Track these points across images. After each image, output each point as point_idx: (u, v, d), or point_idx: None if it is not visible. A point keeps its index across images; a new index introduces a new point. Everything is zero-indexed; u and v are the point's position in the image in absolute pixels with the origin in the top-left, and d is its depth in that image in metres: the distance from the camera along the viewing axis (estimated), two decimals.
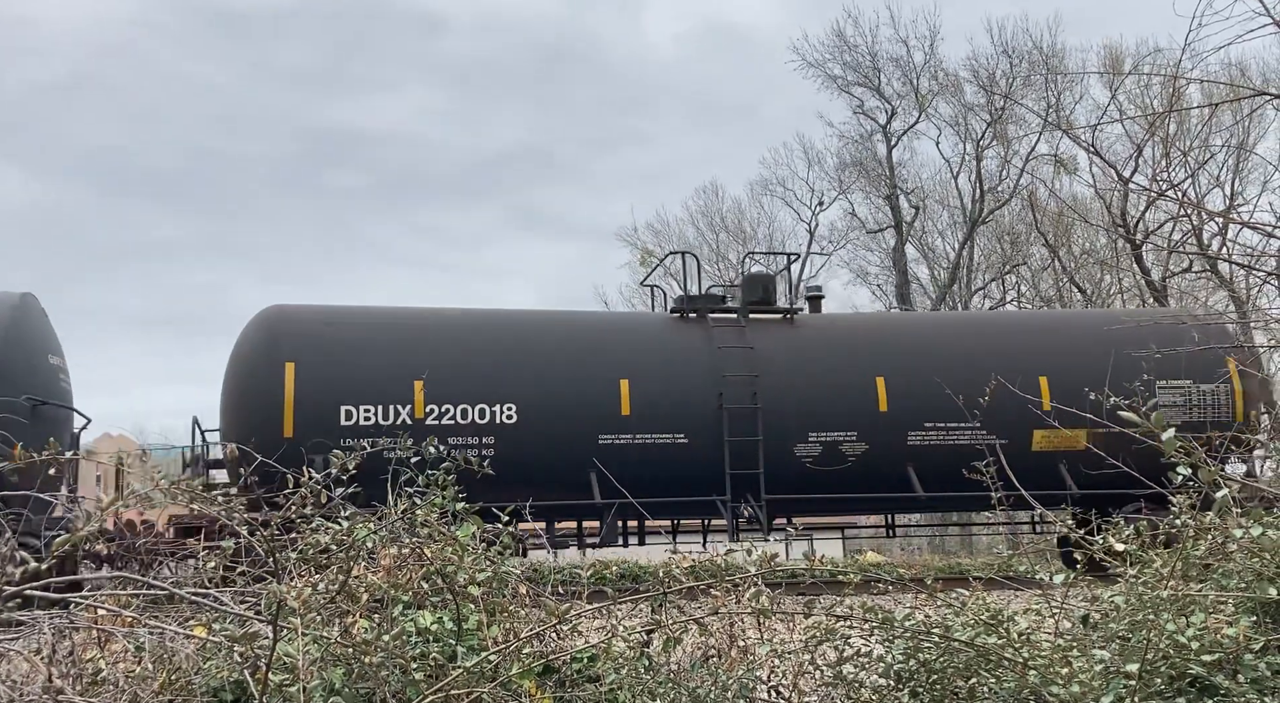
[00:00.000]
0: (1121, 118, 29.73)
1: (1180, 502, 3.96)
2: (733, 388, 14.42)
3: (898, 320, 16.74)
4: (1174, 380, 15.32)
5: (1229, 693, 3.57)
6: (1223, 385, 15.39)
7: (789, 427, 14.45)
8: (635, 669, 4.11)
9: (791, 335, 15.52)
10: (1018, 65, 35.36)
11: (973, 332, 16.40)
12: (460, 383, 13.64)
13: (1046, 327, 16.91)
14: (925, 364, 15.14)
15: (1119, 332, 16.03)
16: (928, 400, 14.71)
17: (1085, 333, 16.20)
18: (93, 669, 4.12)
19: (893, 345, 15.54)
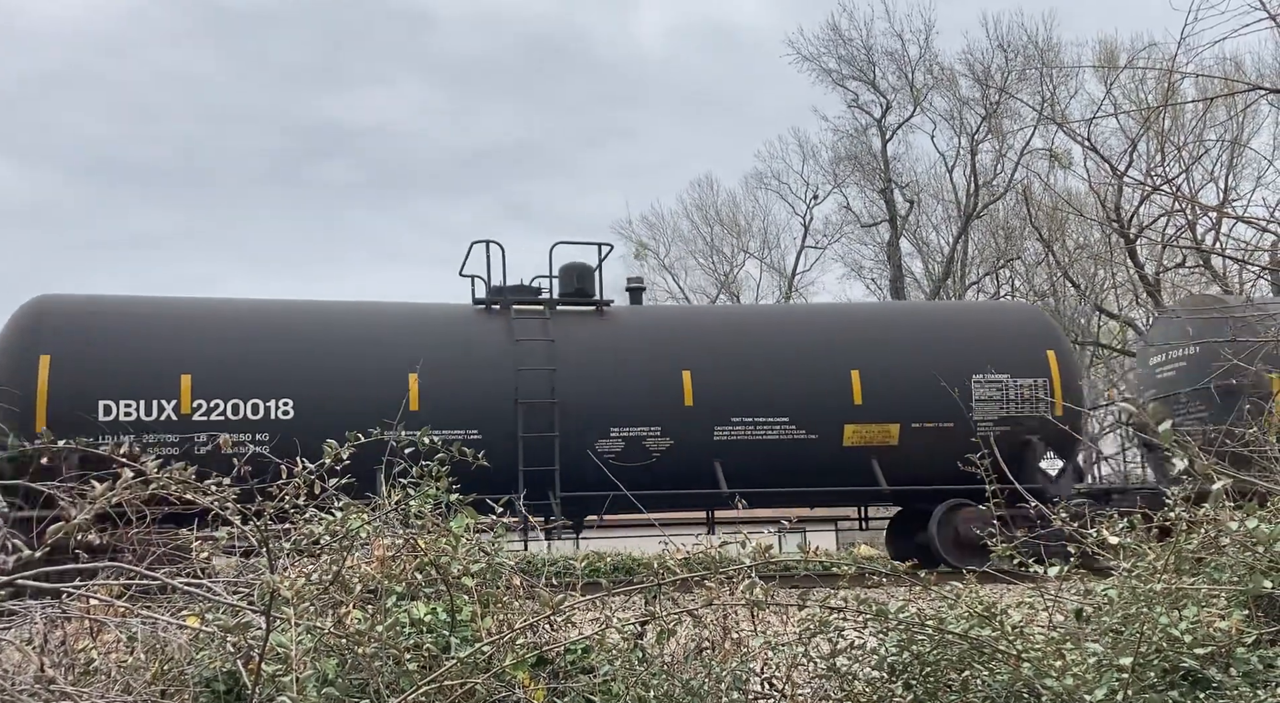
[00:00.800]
0: (1116, 112, 29.79)
1: (1175, 494, 3.96)
2: (530, 382, 13.96)
3: (709, 313, 16.33)
4: (991, 374, 15.07)
5: (1221, 686, 3.59)
6: (1041, 380, 15.14)
7: (590, 422, 13.97)
8: (629, 661, 4.10)
9: (600, 328, 15.05)
10: (1013, 59, 35.41)
11: (785, 325, 16.02)
12: (232, 377, 13.03)
13: (860, 319, 16.53)
14: (734, 358, 14.77)
15: (938, 325, 15.87)
16: (735, 395, 14.38)
17: (900, 326, 15.98)
18: (85, 659, 4.11)
19: (702, 338, 15.13)
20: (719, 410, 14.36)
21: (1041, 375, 15.20)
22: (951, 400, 14.55)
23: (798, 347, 15.14)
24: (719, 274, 43.51)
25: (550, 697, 3.84)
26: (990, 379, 15.10)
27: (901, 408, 14.76)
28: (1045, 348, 15.44)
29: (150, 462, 3.64)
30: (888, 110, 38.06)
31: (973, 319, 16.58)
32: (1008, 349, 15.38)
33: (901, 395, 14.75)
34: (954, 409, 14.69)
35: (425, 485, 4.62)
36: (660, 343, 14.97)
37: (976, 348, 15.34)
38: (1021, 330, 15.88)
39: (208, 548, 4.19)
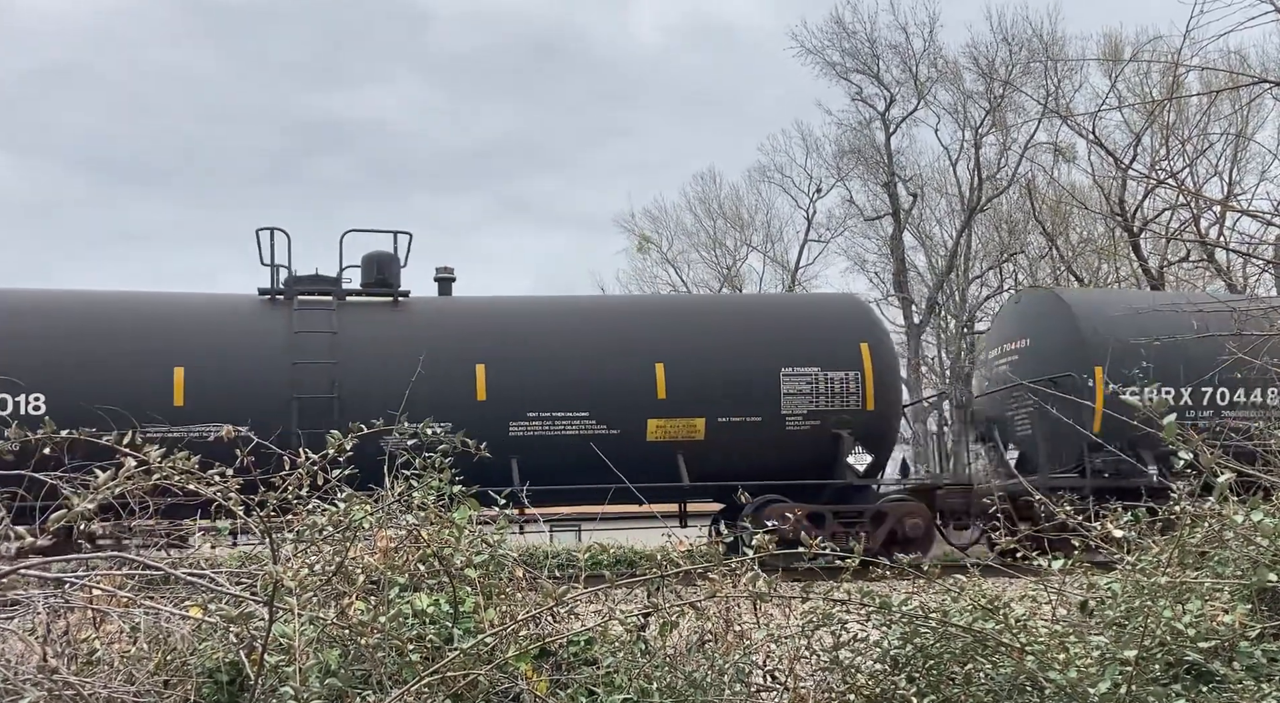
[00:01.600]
0: (1120, 106, 29.74)
1: (1180, 488, 3.96)
2: (309, 375, 13.46)
3: (510, 304, 15.61)
4: (800, 367, 14.73)
5: (1225, 680, 3.58)
6: (853, 373, 14.80)
7: (375, 418, 13.33)
8: (632, 653, 4.11)
9: (393, 320, 14.58)
10: (1017, 53, 35.29)
11: (588, 317, 15.50)
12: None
13: (666, 311, 16.03)
14: (532, 350, 14.37)
15: (747, 317, 15.51)
16: (532, 389, 14.01)
17: (708, 318, 15.62)
18: (88, 650, 4.11)
19: (499, 330, 14.68)
20: (514, 405, 13.92)
21: (853, 369, 14.82)
22: (760, 394, 14.37)
23: (600, 339, 14.69)
24: (722, 268, 43.49)
25: (553, 688, 3.84)
26: (800, 372, 14.70)
27: (708, 402, 14.39)
28: (859, 341, 15.03)
29: (153, 452, 3.64)
30: (891, 103, 37.97)
31: (784, 311, 16.16)
32: (819, 342, 15.00)
33: (708, 389, 14.42)
34: (762, 403, 14.45)
35: (428, 477, 4.62)
36: (455, 335, 14.47)
37: (787, 341, 14.97)
38: (835, 323, 15.49)
39: (209, 539, 4.19)
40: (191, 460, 3.50)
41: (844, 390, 14.79)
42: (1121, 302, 16.97)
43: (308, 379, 13.48)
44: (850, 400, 14.74)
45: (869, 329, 15.49)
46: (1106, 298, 17.56)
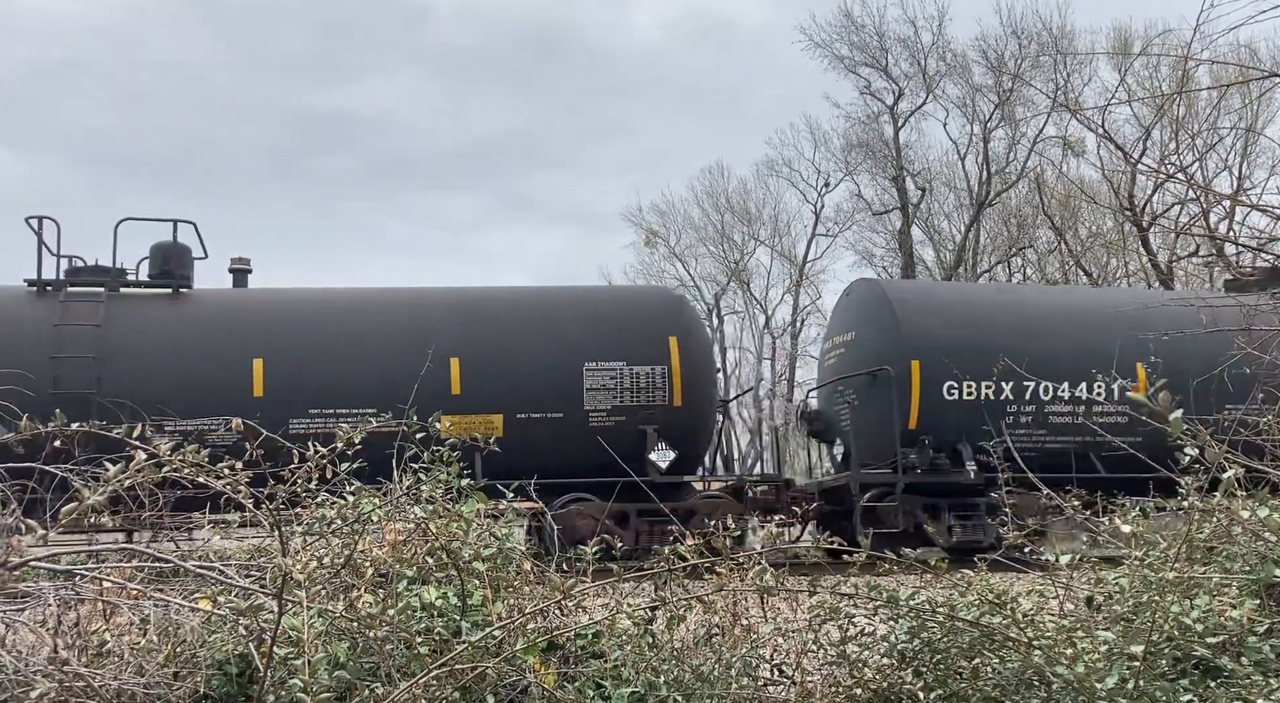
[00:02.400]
0: (1130, 100, 29.64)
1: (1187, 483, 3.95)
2: (70, 371, 12.86)
3: (295, 296, 14.81)
4: (605, 361, 14.23)
5: (1233, 675, 3.58)
6: (660, 367, 14.27)
7: (143, 415, 12.73)
8: (639, 646, 4.11)
9: (170, 312, 13.95)
10: (1026, 46, 35.20)
11: (379, 308, 14.79)
12: None
13: (464, 303, 15.19)
14: (316, 344, 13.78)
15: (551, 310, 14.83)
16: (315, 385, 13.43)
17: (509, 310, 14.95)
18: (98, 641, 4.13)
19: (282, 323, 14.04)
20: (294, 402, 13.29)
21: (661, 363, 14.36)
22: (562, 389, 13.97)
23: (389, 332, 14.12)
24: (729, 262, 43.47)
25: (561, 681, 3.85)
26: (604, 367, 14.25)
27: (506, 398, 13.91)
28: (668, 334, 14.57)
29: (163, 444, 3.65)
30: (900, 97, 37.90)
31: (589, 304, 15.51)
32: (625, 335, 14.49)
33: (506, 384, 13.97)
34: (564, 399, 14.03)
35: (436, 470, 4.64)
36: (234, 328, 13.86)
37: (590, 334, 14.50)
38: (642, 316, 14.99)
39: (219, 531, 4.21)
40: (201, 453, 3.51)
41: (650, 386, 14.34)
42: (949, 294, 16.57)
43: (68, 374, 12.91)
44: (657, 396, 14.30)
45: (679, 323, 14.98)
46: (931, 290, 16.98)
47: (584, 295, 15.85)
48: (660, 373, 14.37)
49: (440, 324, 14.37)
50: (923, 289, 16.39)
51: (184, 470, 3.49)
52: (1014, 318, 15.57)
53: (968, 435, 14.62)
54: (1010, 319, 15.51)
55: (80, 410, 12.19)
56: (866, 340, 15.75)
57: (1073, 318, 15.76)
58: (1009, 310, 15.85)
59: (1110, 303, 16.63)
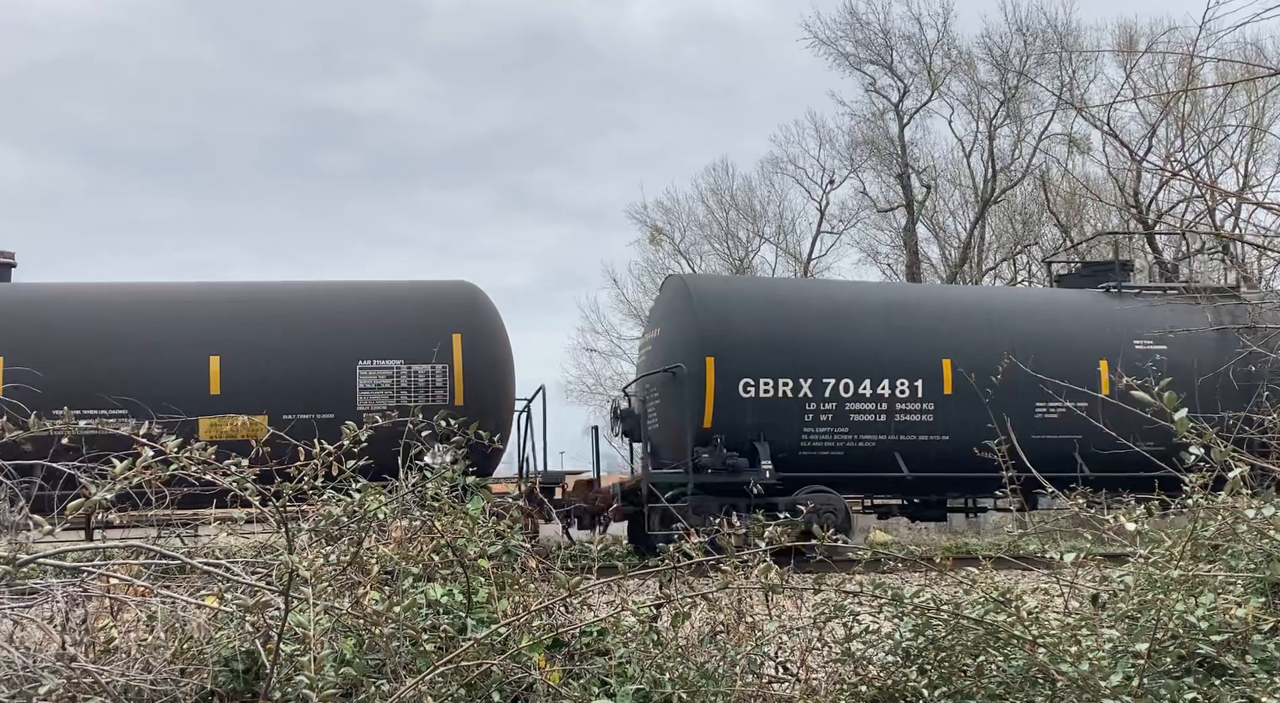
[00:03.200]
0: (1136, 97, 29.57)
1: (1193, 481, 3.95)
2: None
3: (43, 292, 14.12)
4: (381, 360, 13.66)
5: (1237, 673, 3.58)
6: (441, 366, 13.73)
7: None
8: (644, 644, 4.12)
9: None
10: (1032, 43, 35.11)
11: (133, 304, 13.99)
12: None
13: (227, 299, 14.41)
14: (60, 342, 13.15)
15: (324, 306, 14.20)
16: (58, 385, 12.49)
17: (277, 306, 14.24)
18: (105, 638, 4.15)
19: (22, 320, 13.40)
20: (35, 404, 12.32)
21: (443, 361, 13.81)
22: (333, 389, 13.40)
23: (145, 330, 13.48)
24: (734, 259, 43.42)
25: (566, 678, 3.86)
26: (380, 365, 13.69)
27: (271, 398, 13.20)
28: (451, 331, 13.94)
29: (170, 442, 3.66)
30: (905, 95, 37.81)
31: (367, 300, 14.84)
32: (405, 332, 13.92)
33: (271, 384, 13.31)
34: (336, 399, 13.38)
35: (441, 469, 4.65)
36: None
37: (367, 331, 13.93)
38: (424, 312, 14.38)
39: (225, 528, 4.22)
40: (208, 451, 3.52)
41: (430, 385, 13.80)
42: (755, 290, 16.02)
43: None
44: (438, 395, 13.70)
45: (466, 319, 14.35)
46: (736, 286, 16.24)
47: (363, 290, 15.11)
48: (441, 371, 13.79)
49: (202, 321, 13.74)
50: (728, 285, 16.26)
51: (191, 468, 3.50)
52: (820, 314, 15.15)
53: (765, 434, 14.24)
54: (817, 316, 15.08)
55: None
56: (668, 337, 15.33)
57: (883, 314, 15.38)
58: (816, 307, 15.42)
59: (933, 299, 16.40)
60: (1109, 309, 16.08)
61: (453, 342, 13.93)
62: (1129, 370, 15.25)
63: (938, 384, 14.70)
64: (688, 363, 14.41)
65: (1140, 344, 15.28)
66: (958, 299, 16.77)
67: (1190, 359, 14.67)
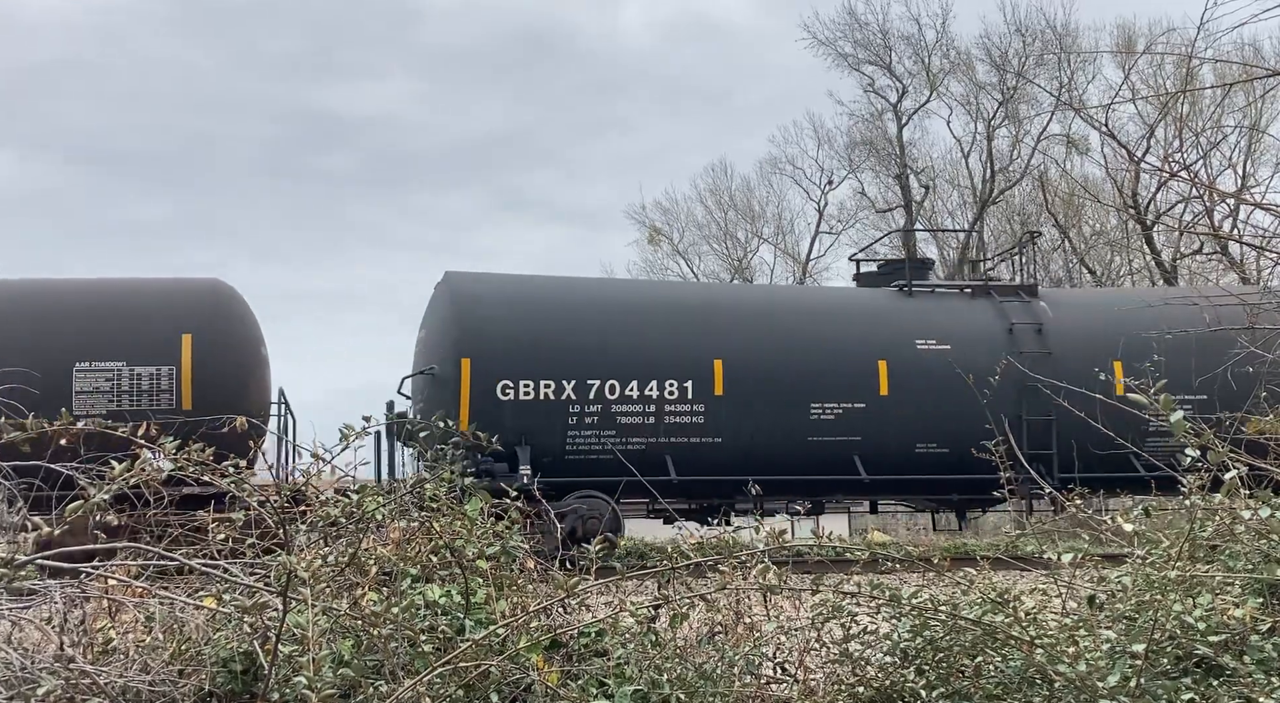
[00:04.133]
0: (1134, 98, 29.60)
1: (1190, 482, 3.96)
2: None
3: None
4: (101, 362, 12.83)
5: (1235, 674, 3.58)
6: (166, 368, 12.91)
7: None
8: (642, 644, 4.12)
9: None
10: (1030, 44, 35.15)
11: None
12: None
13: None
14: None
15: (39, 305, 13.36)
16: None
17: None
18: (103, 639, 4.15)
19: None
20: None
21: (169, 363, 12.99)
22: (48, 394, 12.08)
23: None
24: (733, 260, 43.45)
25: (564, 679, 3.86)
26: (99, 368, 12.85)
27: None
28: (180, 330, 13.09)
29: (167, 444, 3.66)
30: (904, 95, 37.88)
31: (88, 298, 13.88)
32: (127, 333, 13.03)
33: None
34: (49, 404, 12.05)
35: (440, 469, 4.65)
36: None
37: (85, 331, 13.04)
38: (149, 311, 13.50)
39: (224, 529, 4.22)
40: (206, 453, 3.53)
41: (155, 388, 12.98)
42: (523, 289, 15.11)
43: None
44: (162, 399, 12.90)
45: (200, 318, 13.48)
46: (503, 285, 15.11)
47: (86, 289, 14.13)
48: (167, 374, 13.02)
49: None
50: (492, 284, 15.01)
51: (190, 469, 3.50)
52: (587, 314, 14.55)
53: (528, 438, 13.61)
54: (583, 315, 14.51)
55: None
56: (431, 338, 14.74)
57: (653, 314, 14.78)
58: (583, 307, 14.78)
59: (707, 298, 15.69)
60: (896, 309, 15.53)
61: (181, 342, 13.11)
62: (908, 371, 14.61)
63: (709, 385, 14.07)
64: (444, 365, 13.83)
65: (922, 344, 14.74)
66: (735, 298, 15.97)
67: (976, 359, 14.16)
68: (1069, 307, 15.94)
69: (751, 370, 14.02)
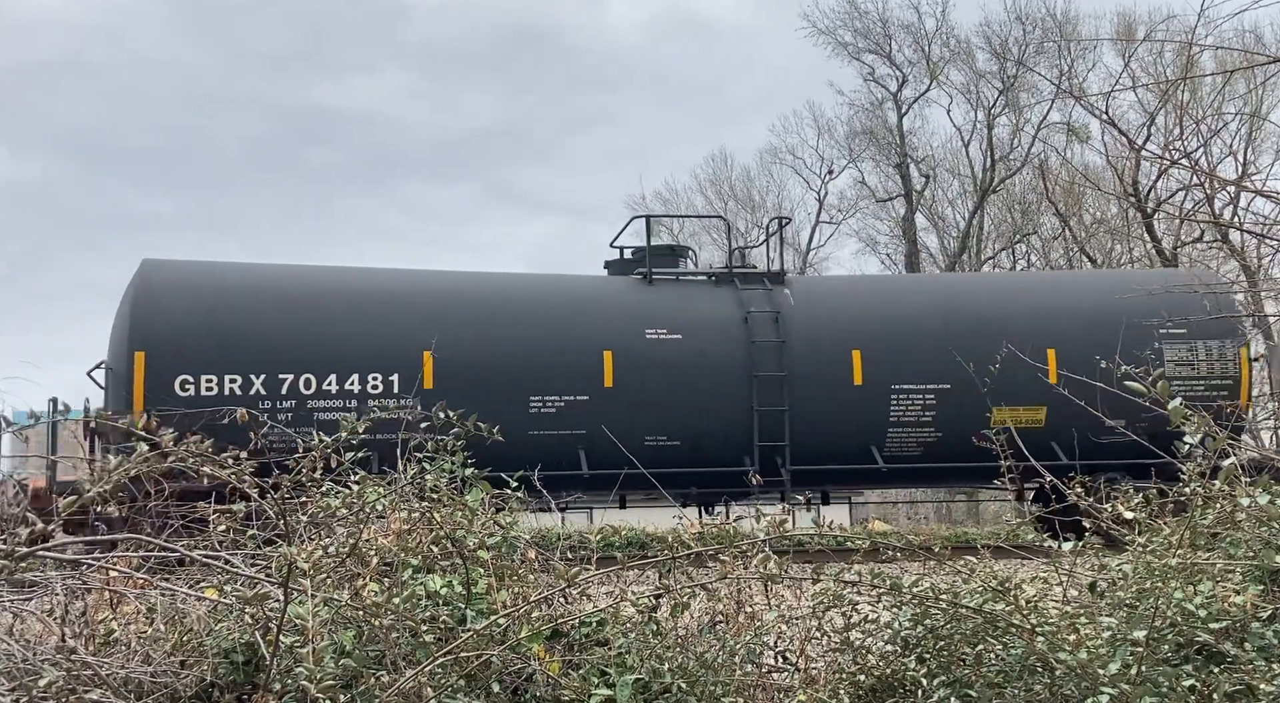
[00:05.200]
0: (1134, 86, 29.53)
1: (1189, 469, 3.95)
2: None
3: None
4: None
5: (1236, 661, 3.59)
6: None
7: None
8: (643, 634, 4.13)
9: None
10: (1030, 32, 35.09)
11: None
12: None
13: None
14: None
15: None
16: None
17: None
18: (105, 630, 4.15)
19: None
20: None
21: None
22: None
23: None
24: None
25: (565, 669, 3.86)
26: None
27: None
28: None
29: (166, 435, 3.66)
30: (904, 84, 37.82)
31: None
32: None
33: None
34: None
35: (440, 459, 4.65)
36: None
37: None
38: None
39: (225, 521, 4.22)
40: (205, 444, 3.52)
41: None
42: (218, 276, 14.16)
43: None
44: None
45: None
46: (184, 273, 14.18)
47: None
48: None
49: None
50: (187, 272, 13.96)
51: (189, 461, 3.50)
52: (278, 304, 13.65)
53: (219, 436, 12.62)
54: (274, 305, 13.66)
55: None
56: (113, 331, 13.65)
57: (355, 302, 13.92)
58: (274, 296, 13.85)
59: (420, 285, 14.62)
60: (631, 298, 14.70)
61: None
62: (634, 362, 13.98)
63: (417, 378, 13.21)
64: (118, 359, 12.95)
65: (652, 333, 14.06)
66: (450, 286, 14.84)
67: (708, 348, 13.96)
68: (815, 294, 15.29)
69: (465, 362, 13.36)
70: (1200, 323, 14.39)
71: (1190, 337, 14.55)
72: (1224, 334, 14.69)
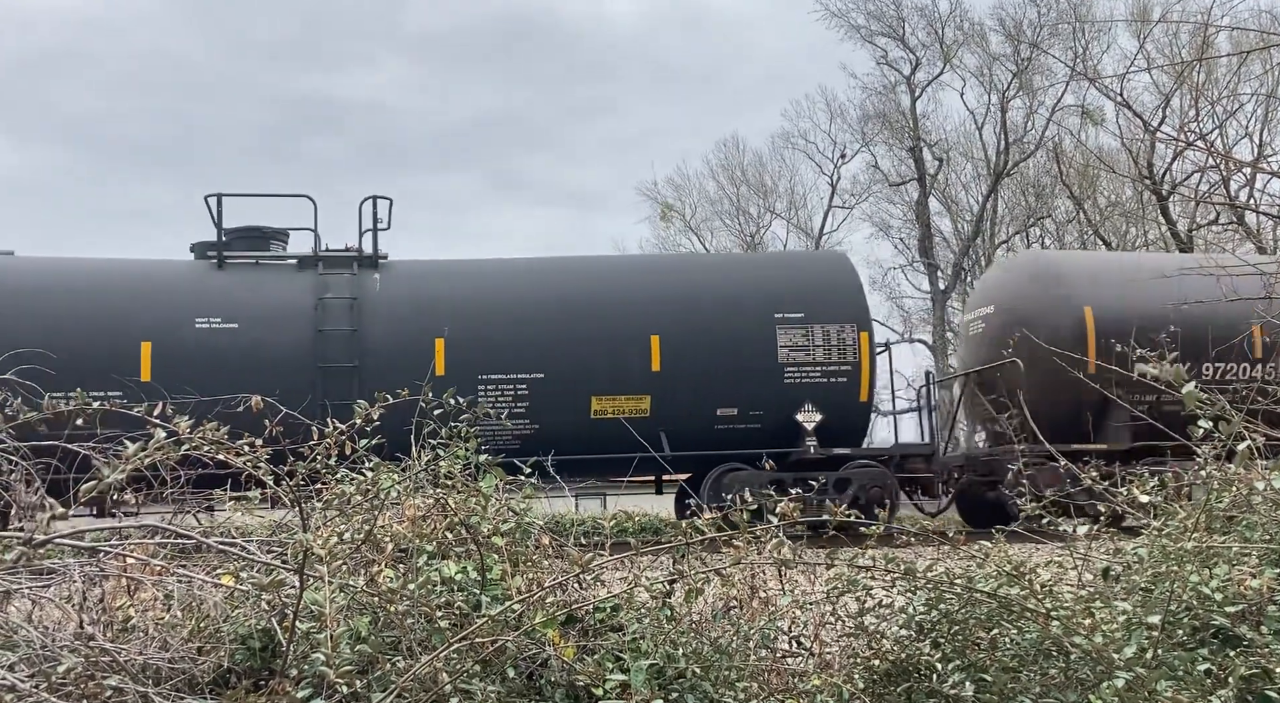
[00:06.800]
0: (1149, 67, 29.35)
1: (1205, 452, 3.94)
2: None
3: None
4: None
5: (1252, 644, 3.58)
6: None
7: None
8: (657, 619, 4.13)
9: None
10: (1045, 14, 34.88)
11: None
12: None
13: None
14: None
15: None
16: None
17: None
18: (123, 617, 4.18)
19: None
20: None
21: None
22: None
23: None
24: (745, 235, 43.34)
25: (580, 654, 3.87)
26: None
27: None
28: None
29: (183, 422, 3.68)
30: (917, 67, 37.65)
31: None
32: None
33: None
34: None
35: (455, 446, 4.66)
36: None
37: None
38: None
39: (240, 508, 4.24)
40: (221, 431, 3.54)
41: None
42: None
43: None
44: None
45: None
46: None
47: None
48: None
49: None
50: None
51: (204, 448, 3.51)
52: None
53: None
54: None
55: None
56: None
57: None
58: None
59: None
60: (189, 283, 13.79)
61: None
62: (175, 356, 12.56)
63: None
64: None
65: (203, 322, 13.17)
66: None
67: (268, 337, 13.13)
68: (406, 279, 14.26)
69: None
70: (822, 307, 14.00)
71: (808, 321, 13.98)
72: (846, 319, 14.08)
